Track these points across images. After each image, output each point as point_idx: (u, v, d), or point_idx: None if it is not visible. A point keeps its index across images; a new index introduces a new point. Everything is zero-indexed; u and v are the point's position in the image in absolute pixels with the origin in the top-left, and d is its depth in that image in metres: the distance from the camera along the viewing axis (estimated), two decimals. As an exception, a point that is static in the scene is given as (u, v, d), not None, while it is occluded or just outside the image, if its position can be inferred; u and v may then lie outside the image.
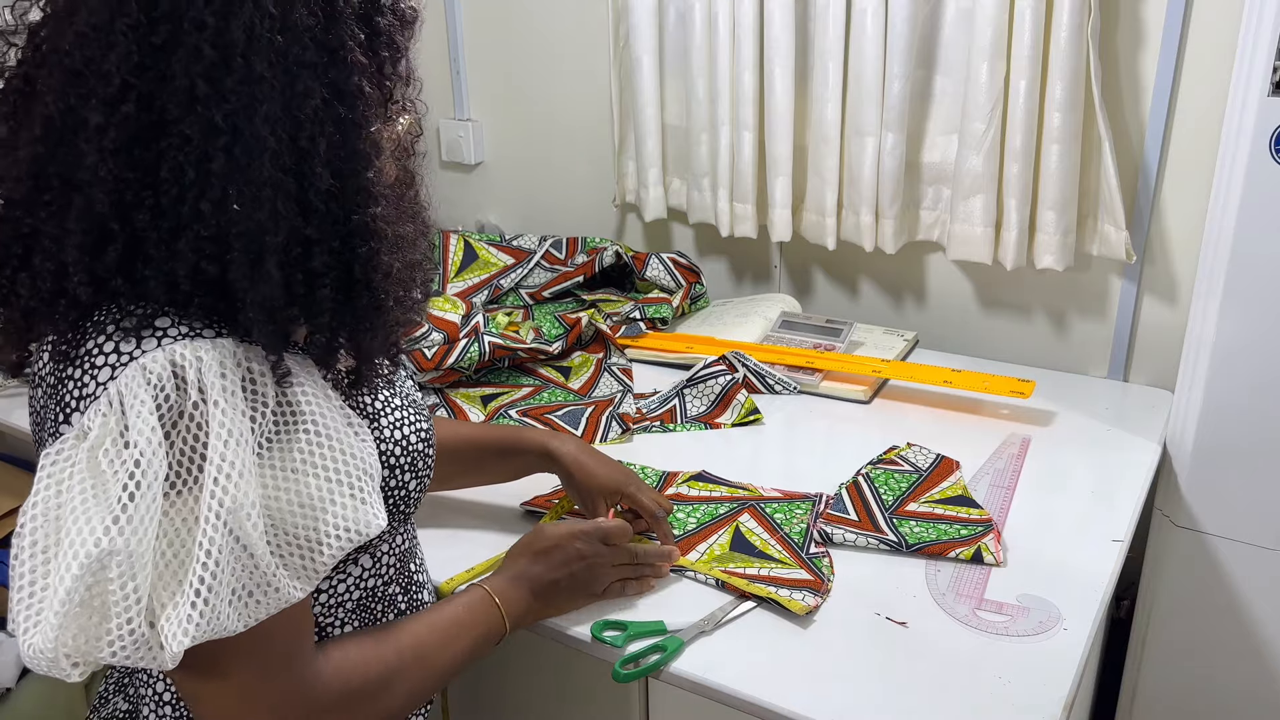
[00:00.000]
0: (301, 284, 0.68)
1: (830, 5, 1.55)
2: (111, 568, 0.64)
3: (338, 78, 0.68)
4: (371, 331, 0.73)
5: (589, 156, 1.97)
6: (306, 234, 0.67)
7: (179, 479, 0.67)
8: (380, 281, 0.71)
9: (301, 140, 0.66)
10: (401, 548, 0.91)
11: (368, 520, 0.73)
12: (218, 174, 0.65)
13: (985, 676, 0.95)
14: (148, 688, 0.85)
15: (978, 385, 1.48)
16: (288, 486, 0.70)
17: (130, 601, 0.65)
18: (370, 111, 0.70)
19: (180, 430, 0.67)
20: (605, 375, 1.58)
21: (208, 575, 0.65)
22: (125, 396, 0.66)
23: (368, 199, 0.70)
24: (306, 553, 0.71)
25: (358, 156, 0.69)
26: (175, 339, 0.68)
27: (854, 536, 1.15)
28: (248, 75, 0.64)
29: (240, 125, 0.64)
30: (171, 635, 0.65)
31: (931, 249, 1.69)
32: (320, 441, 0.71)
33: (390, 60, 0.72)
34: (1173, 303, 1.53)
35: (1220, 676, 1.40)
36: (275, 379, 0.70)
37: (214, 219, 0.65)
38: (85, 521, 0.64)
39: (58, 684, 1.64)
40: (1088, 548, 1.14)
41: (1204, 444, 1.33)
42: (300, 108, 0.66)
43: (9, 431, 1.53)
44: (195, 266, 0.66)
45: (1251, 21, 1.18)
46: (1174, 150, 1.46)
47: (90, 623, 0.65)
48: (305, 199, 0.67)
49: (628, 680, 0.97)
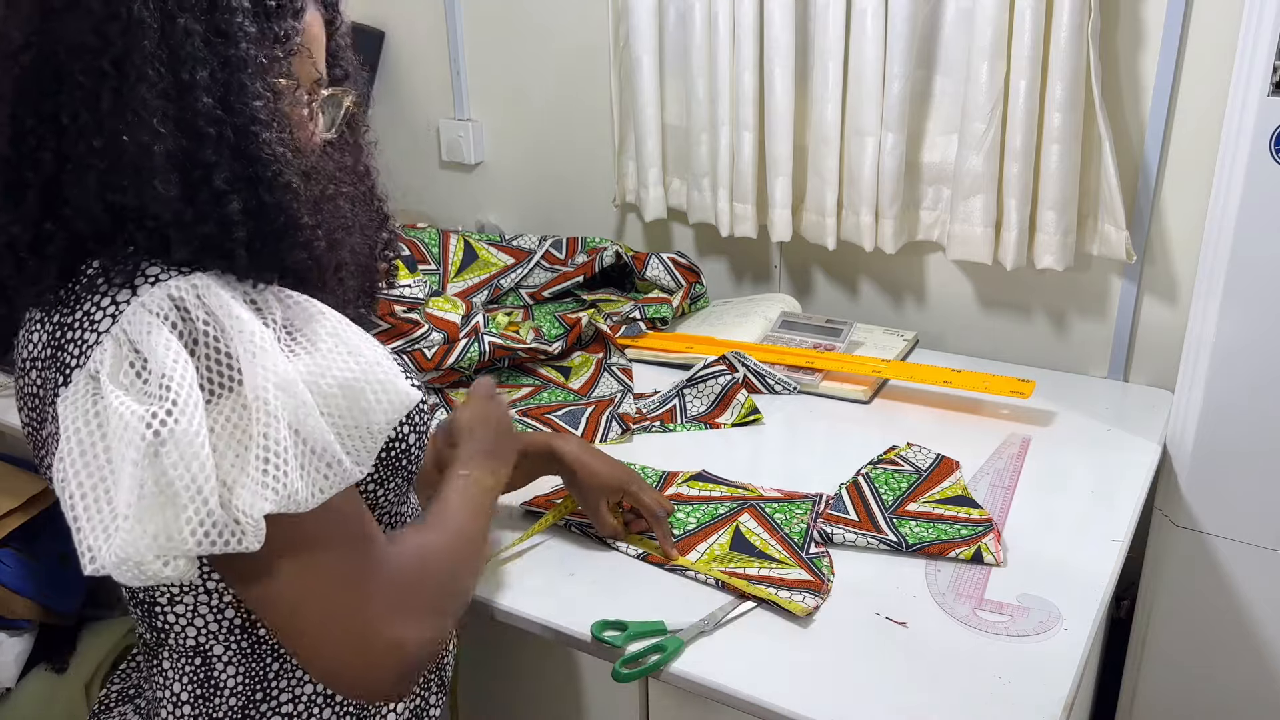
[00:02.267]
0: (208, 202, 0.73)
1: (830, 5, 1.55)
2: (170, 454, 0.66)
3: (219, 19, 0.73)
4: (292, 248, 0.76)
5: (589, 156, 1.97)
6: (201, 156, 0.72)
7: (218, 384, 0.70)
8: (289, 201, 0.75)
9: (182, 73, 0.72)
10: (411, 519, 0.94)
11: (405, 391, 0.77)
12: (106, 112, 0.71)
13: (985, 676, 0.95)
14: (164, 690, 0.85)
15: (978, 385, 1.48)
16: (321, 374, 0.74)
17: (199, 484, 0.67)
18: (256, 50, 0.75)
19: (200, 350, 0.70)
20: (605, 375, 1.58)
21: (271, 444, 0.69)
22: (130, 332, 0.69)
23: (260, 125, 0.74)
24: (355, 430, 0.75)
25: (245, 89, 0.74)
26: (168, 280, 0.72)
27: (854, 536, 1.15)
28: (129, 22, 0.70)
29: (123, 66, 0.71)
30: (249, 506, 0.68)
31: (931, 249, 1.69)
32: (338, 336, 0.76)
33: (278, 9, 0.77)
34: (1173, 303, 1.53)
35: (1220, 676, 1.40)
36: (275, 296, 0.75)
37: (107, 153, 0.71)
38: (129, 422, 0.66)
39: (58, 684, 1.64)
40: (1088, 548, 1.14)
41: (1204, 444, 1.33)
42: (181, 45, 0.72)
43: (9, 431, 1.53)
44: (104, 200, 0.72)
45: (1251, 21, 1.18)
46: (1174, 150, 1.46)
47: (166, 514, 0.67)
48: (190, 123, 0.72)
49: (628, 680, 0.97)
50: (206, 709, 0.83)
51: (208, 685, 0.83)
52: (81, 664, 1.66)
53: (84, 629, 1.69)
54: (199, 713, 0.84)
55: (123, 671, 0.97)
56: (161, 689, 0.85)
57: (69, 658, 1.65)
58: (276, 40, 0.77)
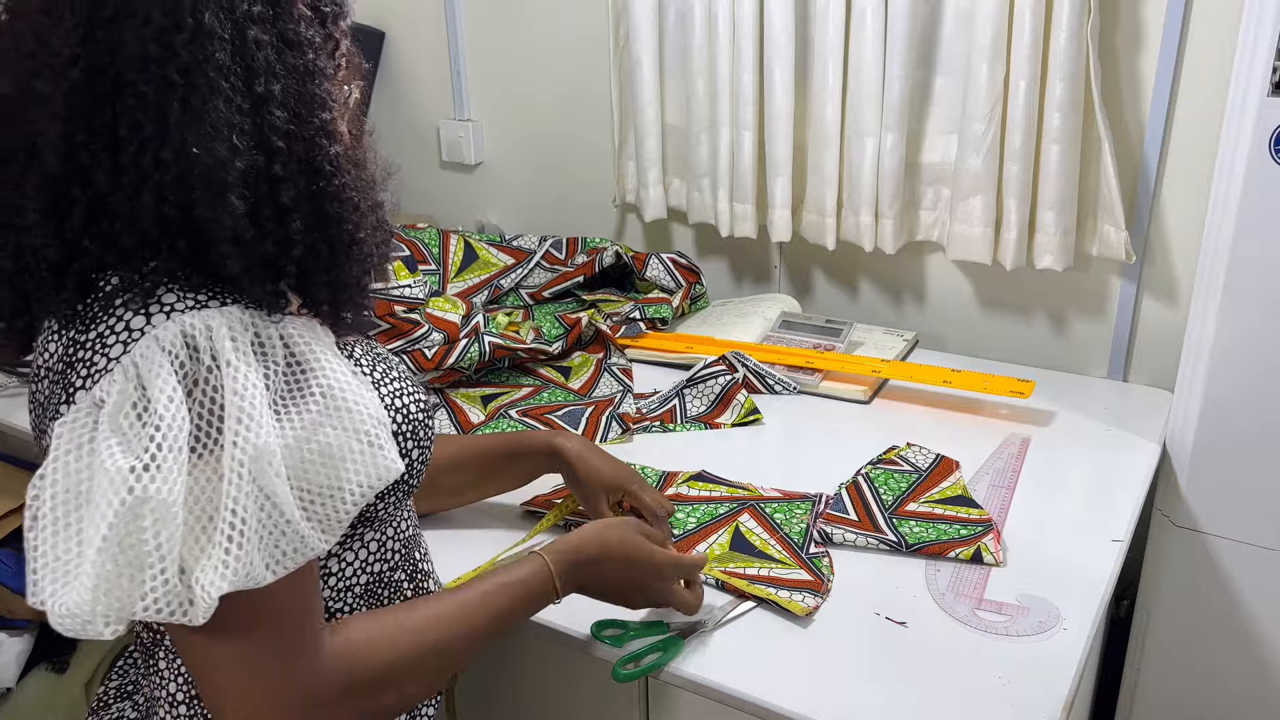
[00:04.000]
0: (271, 219, 0.72)
1: (830, 5, 1.55)
2: (145, 516, 0.66)
3: (285, 28, 0.72)
4: (347, 264, 0.76)
5: (589, 156, 1.97)
6: (272, 171, 0.71)
7: (201, 440, 0.69)
8: (350, 215, 0.75)
9: (256, 86, 0.70)
10: (406, 533, 0.92)
11: (386, 465, 0.76)
12: (175, 124, 0.69)
13: (985, 676, 0.95)
14: (160, 689, 0.85)
15: (977, 385, 1.49)
16: (305, 439, 0.72)
17: (163, 551, 0.66)
18: (320, 60, 0.74)
19: (197, 395, 0.69)
20: (605, 375, 1.58)
21: (237, 522, 0.68)
22: (141, 367, 0.68)
23: (328, 138, 0.74)
24: (328, 501, 0.73)
25: (314, 99, 0.73)
26: (183, 311, 0.70)
27: (854, 536, 1.15)
28: (197, 31, 0.68)
29: (194, 77, 0.68)
30: (208, 583, 0.67)
31: (931, 249, 1.70)
32: (332, 394, 0.74)
33: (332, 16, 0.77)
34: (1172, 303, 1.53)
35: (1220, 676, 1.40)
36: (281, 337, 0.73)
37: (175, 165, 0.69)
38: (113, 475, 0.66)
39: (58, 684, 1.64)
40: (1087, 548, 1.14)
41: (1204, 444, 1.33)
42: (252, 56, 0.70)
43: (9, 431, 1.53)
44: (159, 214, 0.70)
45: (1251, 21, 1.18)
46: (1174, 150, 1.46)
47: (124, 577, 0.66)
48: (264, 138, 0.71)
49: (628, 680, 0.97)
50: (202, 709, 0.83)
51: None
52: (81, 664, 1.66)
53: (84, 629, 1.69)
54: (194, 713, 0.83)
55: (120, 668, 0.97)
56: (158, 688, 0.85)
57: (69, 657, 1.65)
58: (335, 46, 0.77)
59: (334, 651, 0.77)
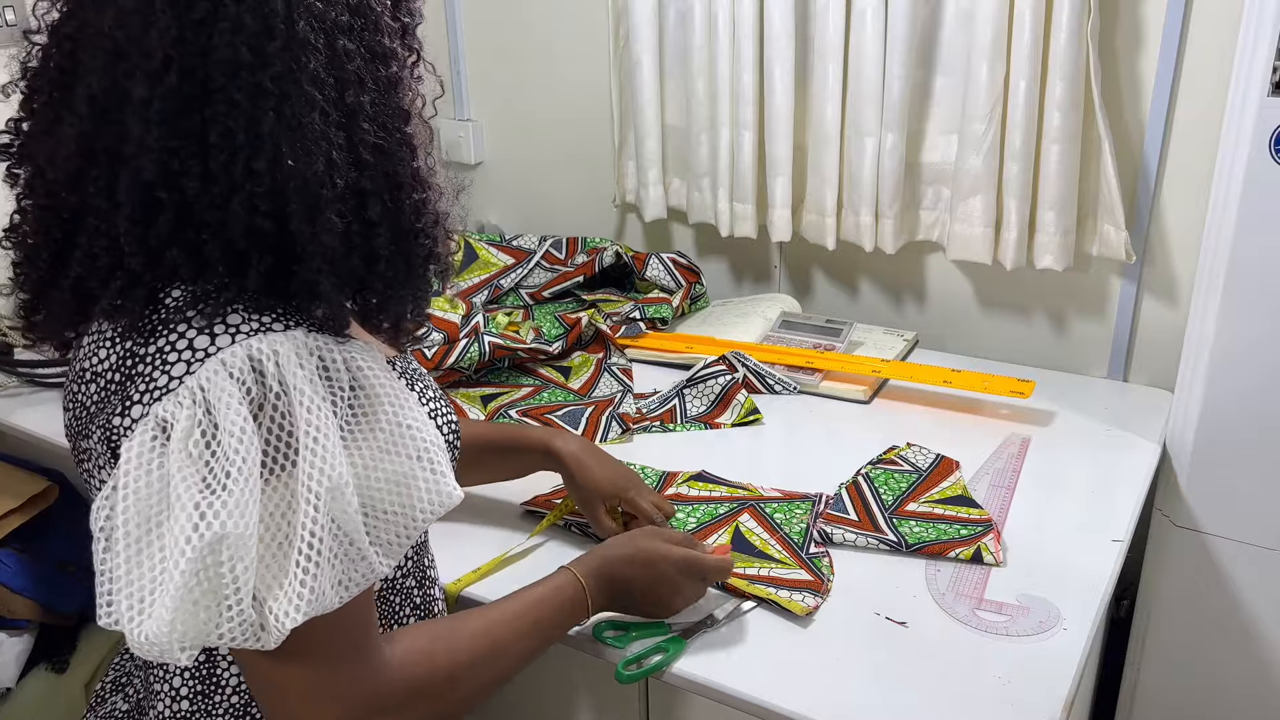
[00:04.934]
0: (359, 234, 0.71)
1: (830, 5, 1.55)
2: (222, 550, 0.66)
3: (372, 40, 0.72)
4: (426, 277, 0.77)
5: (589, 156, 1.97)
6: (361, 186, 0.71)
7: (269, 466, 0.69)
8: (430, 228, 0.76)
9: (348, 97, 0.70)
10: (418, 541, 0.92)
11: (449, 492, 0.76)
12: (268, 133, 0.67)
13: (985, 676, 0.95)
14: (162, 683, 0.85)
15: (977, 385, 1.49)
16: (376, 465, 0.73)
17: (239, 584, 0.66)
18: (403, 70, 0.74)
19: (265, 419, 0.69)
20: (605, 375, 1.58)
21: (313, 554, 0.68)
22: (209, 391, 0.68)
23: (411, 151, 0.74)
24: (394, 527, 0.74)
25: (399, 112, 0.73)
26: (249, 334, 0.70)
27: (854, 536, 1.15)
28: (290, 39, 0.67)
29: (287, 86, 0.67)
30: (283, 613, 0.67)
31: (931, 249, 1.70)
32: (399, 421, 0.74)
33: (413, 26, 0.77)
34: (1173, 303, 1.53)
35: (1220, 676, 1.40)
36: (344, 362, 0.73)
37: (268, 176, 0.68)
38: (188, 507, 0.66)
39: (58, 684, 1.63)
40: (1088, 548, 1.14)
41: (1204, 444, 1.33)
42: (342, 67, 0.69)
43: (9, 431, 1.53)
44: (250, 225, 0.69)
45: (1251, 21, 1.18)
46: (1174, 150, 1.46)
47: (201, 608, 0.67)
48: (356, 152, 0.70)
49: (631, 681, 0.97)
50: (205, 705, 0.83)
51: (209, 681, 0.83)
52: (81, 664, 1.66)
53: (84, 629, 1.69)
54: (197, 708, 0.83)
55: (116, 663, 0.97)
56: (160, 682, 0.85)
57: (69, 657, 1.65)
58: (416, 56, 0.76)
59: (396, 660, 0.78)
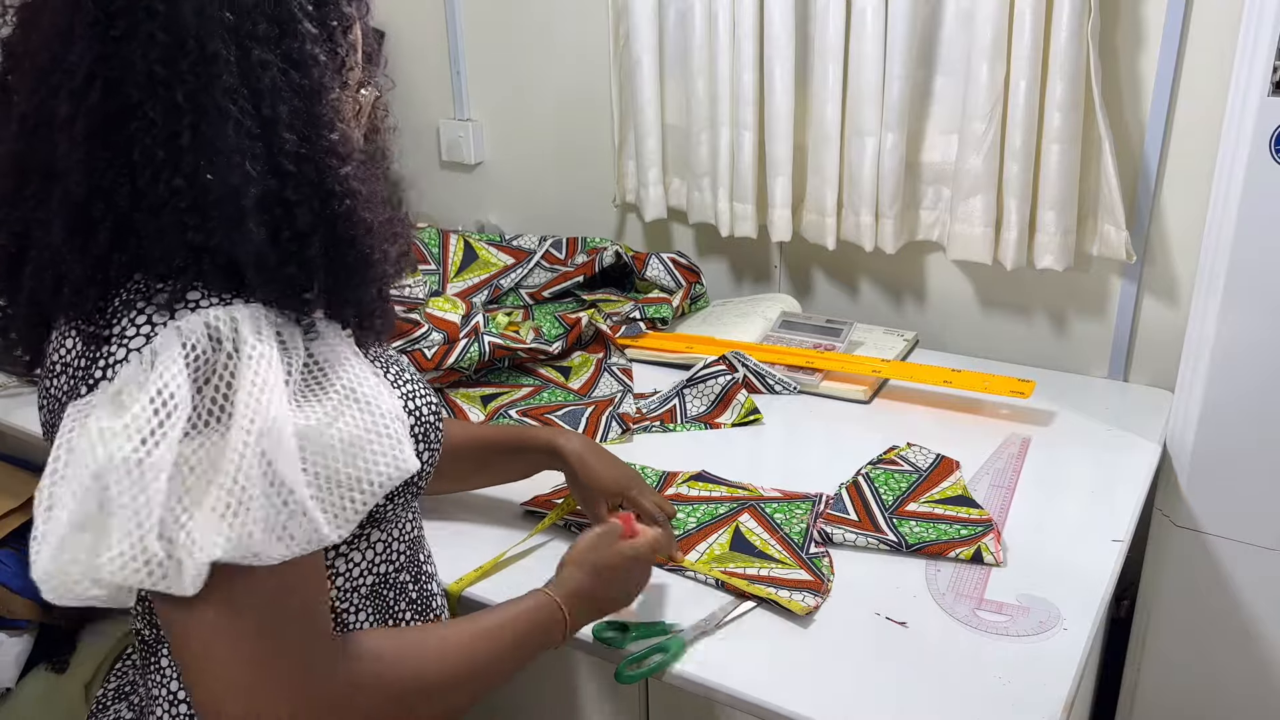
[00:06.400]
0: (291, 242, 0.71)
1: (830, 5, 1.55)
2: (121, 479, 0.65)
3: (291, 48, 0.71)
4: (364, 285, 0.76)
5: (589, 156, 1.97)
6: (285, 196, 0.70)
7: (212, 418, 0.68)
8: (363, 236, 0.75)
9: (264, 109, 0.69)
10: (411, 534, 0.92)
11: (404, 461, 0.76)
12: (186, 149, 0.67)
13: (985, 676, 0.95)
14: (161, 688, 0.84)
15: (978, 385, 1.48)
16: (327, 425, 0.72)
17: (135, 508, 0.65)
18: (327, 78, 0.73)
19: (213, 383, 0.68)
20: (605, 375, 1.58)
21: (237, 489, 0.66)
22: (159, 354, 0.68)
23: (337, 159, 0.73)
24: (346, 492, 0.72)
25: (320, 120, 0.72)
26: (208, 306, 0.70)
27: (854, 536, 1.15)
28: (201, 55, 0.67)
29: (201, 101, 0.67)
30: (198, 546, 0.65)
31: (931, 249, 1.69)
32: (353, 389, 0.74)
33: (340, 29, 0.76)
34: (1173, 303, 1.53)
35: (1220, 676, 1.40)
36: (305, 337, 0.73)
37: (189, 192, 0.68)
38: (94, 441, 0.65)
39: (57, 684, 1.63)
40: (1088, 548, 1.14)
41: (1204, 444, 1.33)
42: (259, 79, 0.69)
43: (9, 431, 1.53)
44: (182, 238, 0.69)
45: (1251, 21, 1.18)
46: (1174, 150, 1.46)
47: (89, 540, 0.66)
48: (275, 162, 0.69)
49: (632, 681, 0.97)
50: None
51: None
52: (81, 664, 1.66)
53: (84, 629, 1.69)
54: (195, 711, 0.83)
55: (119, 670, 0.97)
56: (158, 686, 0.85)
57: (69, 658, 1.65)
58: (341, 61, 0.75)
59: (356, 657, 0.76)
